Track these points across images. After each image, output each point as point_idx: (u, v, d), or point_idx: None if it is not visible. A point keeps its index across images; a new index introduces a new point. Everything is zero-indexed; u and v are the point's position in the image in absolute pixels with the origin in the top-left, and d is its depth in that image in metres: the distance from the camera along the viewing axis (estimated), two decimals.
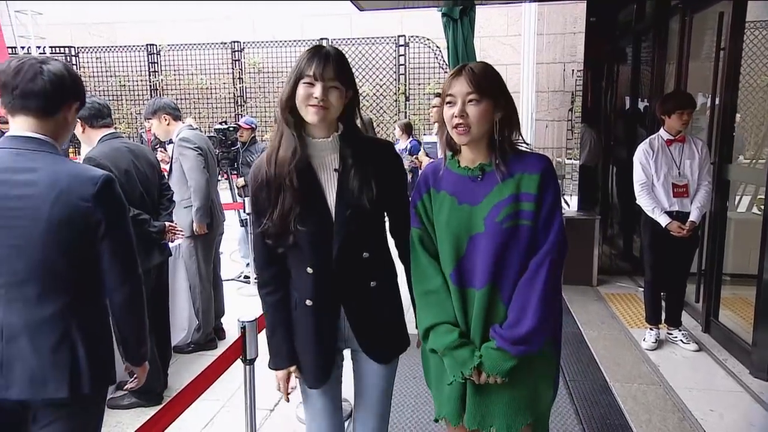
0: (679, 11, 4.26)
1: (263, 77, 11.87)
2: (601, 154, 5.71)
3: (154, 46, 12.15)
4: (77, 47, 12.41)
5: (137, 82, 12.26)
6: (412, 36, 11.20)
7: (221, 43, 11.91)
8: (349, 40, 11.39)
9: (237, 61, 11.97)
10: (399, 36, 11.30)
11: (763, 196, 3.98)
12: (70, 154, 7.83)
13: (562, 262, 1.45)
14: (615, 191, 5.70)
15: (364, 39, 11.38)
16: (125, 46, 12.16)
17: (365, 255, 1.51)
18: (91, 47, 12.31)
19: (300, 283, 1.55)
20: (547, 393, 1.53)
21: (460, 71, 1.44)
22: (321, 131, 1.49)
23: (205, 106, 12.18)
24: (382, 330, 1.59)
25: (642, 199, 3.42)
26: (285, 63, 11.46)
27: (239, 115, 10.06)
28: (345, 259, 1.49)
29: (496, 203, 1.42)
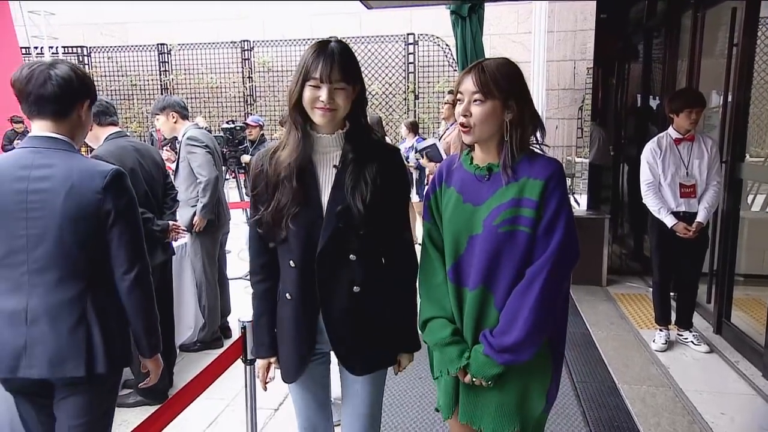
0: (691, 7, 4.19)
1: (273, 76, 11.92)
2: (612, 153, 5.64)
3: (165, 46, 12.25)
4: (89, 47, 12.54)
5: (148, 81, 12.37)
6: (422, 34, 11.18)
7: (231, 42, 11.97)
8: (358, 38, 11.39)
9: (246, 60, 12.03)
10: (408, 34, 11.28)
11: None
12: (83, 153, 7.90)
13: (566, 272, 1.39)
14: (625, 190, 5.63)
15: (373, 37, 11.38)
16: (136, 46, 12.28)
17: (352, 257, 1.47)
18: (102, 47, 12.44)
19: (284, 275, 1.53)
20: (539, 401, 1.46)
21: (471, 68, 1.41)
22: (327, 128, 1.48)
23: (215, 105, 12.26)
24: (359, 341, 1.52)
25: (648, 199, 3.37)
26: (294, 62, 11.49)
27: (248, 114, 10.12)
28: (329, 257, 1.46)
29: (497, 206, 1.39)
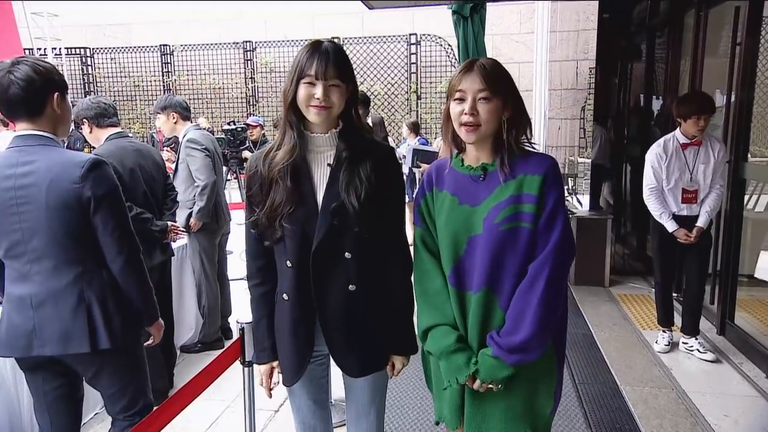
0: (694, 6, 4.17)
1: (275, 77, 11.91)
2: (614, 153, 5.61)
3: (168, 47, 12.26)
4: (92, 48, 12.57)
5: (151, 82, 12.38)
6: (424, 34, 11.16)
7: (233, 43, 11.98)
8: (360, 39, 11.38)
9: (249, 61, 12.03)
10: (410, 34, 11.26)
11: None
12: (86, 152, 7.92)
13: (567, 266, 1.40)
14: (628, 190, 5.60)
15: (375, 38, 11.36)
16: (139, 47, 12.30)
17: (347, 255, 1.46)
18: (105, 48, 12.46)
19: (281, 276, 1.53)
20: (547, 402, 1.47)
21: (471, 67, 1.39)
22: (321, 127, 1.48)
23: (217, 106, 12.27)
24: (354, 341, 1.52)
25: (650, 203, 3.33)
26: None
27: (250, 115, 10.11)
28: (324, 255, 1.46)
29: (496, 204, 1.38)
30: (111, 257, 1.67)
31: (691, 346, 3.42)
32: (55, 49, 11.78)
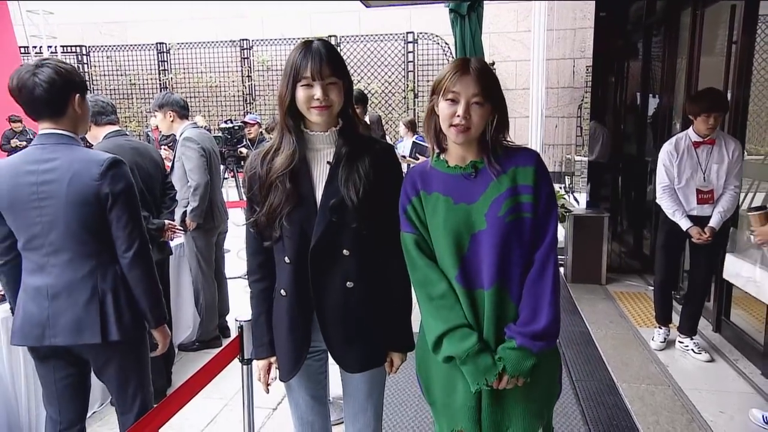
0: (690, 5, 4.18)
1: (272, 75, 11.90)
2: (611, 151, 5.63)
3: (164, 45, 12.23)
4: (88, 46, 12.53)
5: (147, 80, 12.37)
6: (421, 32, 11.17)
7: (230, 41, 11.96)
8: (357, 37, 11.38)
9: (246, 59, 12.02)
10: (408, 33, 11.27)
11: None
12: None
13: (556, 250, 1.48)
14: (625, 188, 5.62)
15: (372, 36, 11.37)
16: (135, 45, 12.26)
17: (345, 252, 1.47)
18: (101, 46, 12.43)
19: (280, 272, 1.54)
20: (555, 391, 1.54)
21: (466, 69, 1.38)
22: (321, 126, 1.48)
23: (214, 104, 12.25)
24: (352, 337, 1.52)
25: (663, 202, 3.27)
26: None
27: (248, 113, 10.10)
28: (323, 251, 1.46)
29: (496, 198, 1.39)
30: (121, 251, 1.75)
31: (686, 346, 3.42)
32: (50, 47, 11.74)
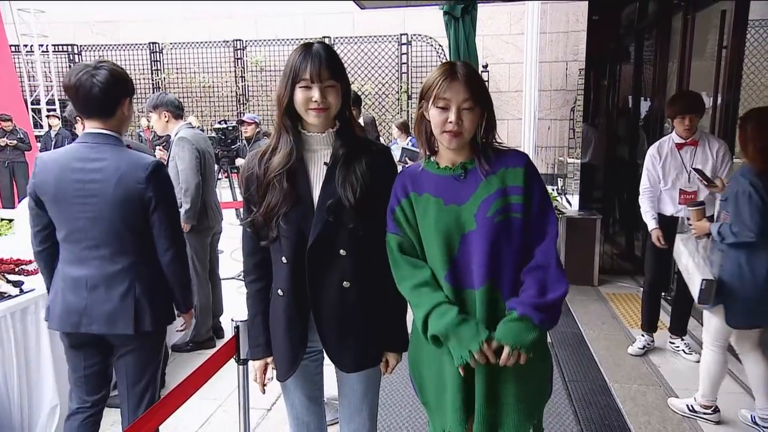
0: (681, 9, 4.23)
1: (265, 76, 11.88)
2: (603, 153, 5.68)
3: (157, 45, 12.17)
4: (80, 46, 12.45)
5: (140, 80, 12.28)
6: (415, 34, 11.20)
7: (223, 41, 11.92)
8: (351, 38, 11.39)
9: (239, 60, 11.99)
10: (401, 34, 11.29)
11: None
12: None
13: None
14: (617, 190, 5.67)
15: (366, 38, 11.38)
16: (128, 45, 12.19)
17: (342, 252, 1.48)
18: (93, 45, 12.34)
19: (277, 272, 1.54)
20: (546, 391, 1.54)
21: (454, 75, 1.40)
22: (318, 127, 1.50)
23: (207, 105, 12.21)
24: (348, 337, 1.53)
25: (641, 203, 3.35)
26: None
27: (241, 113, 10.08)
28: (320, 251, 1.47)
29: (485, 198, 1.41)
30: (162, 250, 1.88)
31: (677, 347, 3.46)
32: (41, 45, 11.65)
